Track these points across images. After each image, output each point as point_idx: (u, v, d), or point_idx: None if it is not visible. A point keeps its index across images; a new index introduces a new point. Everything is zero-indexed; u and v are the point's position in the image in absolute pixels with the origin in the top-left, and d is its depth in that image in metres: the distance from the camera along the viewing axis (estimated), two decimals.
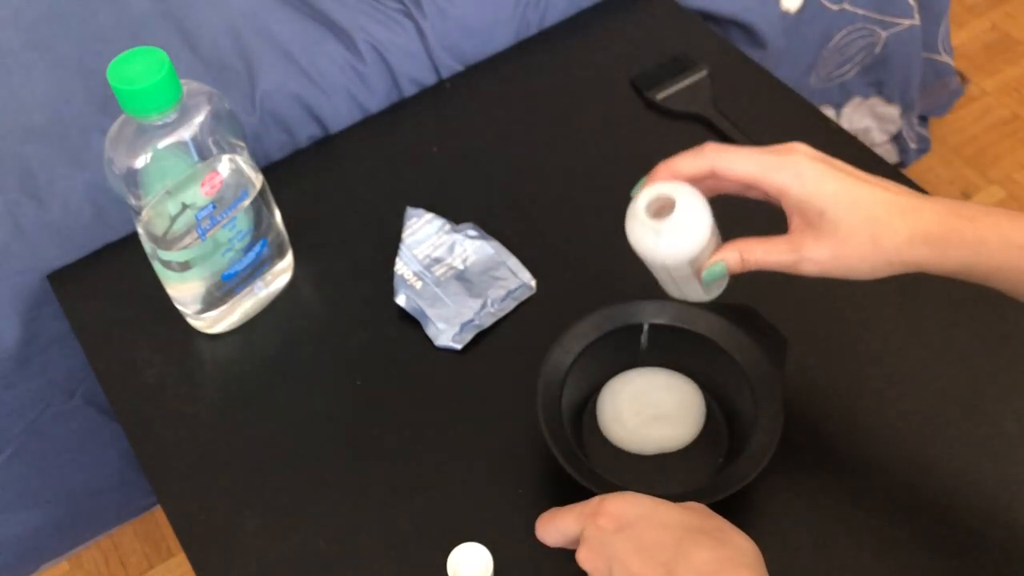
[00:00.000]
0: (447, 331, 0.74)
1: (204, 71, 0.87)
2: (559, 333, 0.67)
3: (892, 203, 0.56)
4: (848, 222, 0.55)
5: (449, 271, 0.77)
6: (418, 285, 0.76)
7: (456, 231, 0.79)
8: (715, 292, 0.61)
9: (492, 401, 0.71)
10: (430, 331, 0.74)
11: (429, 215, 0.80)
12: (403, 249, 0.79)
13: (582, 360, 0.67)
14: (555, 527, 0.55)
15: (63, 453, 0.96)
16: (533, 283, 0.76)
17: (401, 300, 0.76)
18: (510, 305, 0.76)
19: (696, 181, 0.58)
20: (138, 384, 0.75)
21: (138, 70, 0.61)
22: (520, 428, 0.68)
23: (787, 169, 0.56)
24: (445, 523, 0.66)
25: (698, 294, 0.61)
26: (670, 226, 0.56)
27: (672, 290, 0.62)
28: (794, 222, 0.57)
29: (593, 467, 0.62)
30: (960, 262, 0.55)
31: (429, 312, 0.75)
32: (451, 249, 0.79)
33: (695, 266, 0.58)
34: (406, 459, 0.69)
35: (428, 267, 0.78)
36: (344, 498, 0.68)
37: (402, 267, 0.78)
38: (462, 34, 0.92)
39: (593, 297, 0.70)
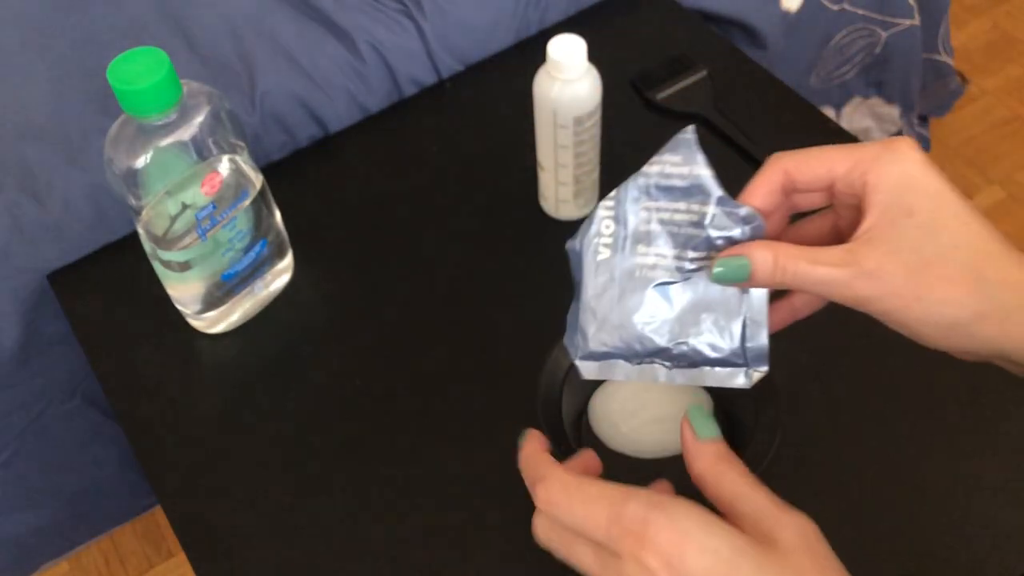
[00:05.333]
0: (585, 348, 0.51)
1: (204, 71, 0.87)
2: (559, 333, 0.67)
3: (1005, 244, 0.40)
4: (947, 238, 0.39)
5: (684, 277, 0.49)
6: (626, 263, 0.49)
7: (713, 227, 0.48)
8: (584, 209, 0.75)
9: (492, 401, 0.71)
10: (573, 338, 0.52)
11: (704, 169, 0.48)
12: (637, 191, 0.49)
13: None
14: (566, 520, 0.39)
15: (63, 453, 0.95)
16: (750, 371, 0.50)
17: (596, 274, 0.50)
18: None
19: (773, 199, 0.46)
20: (138, 384, 0.75)
21: (138, 70, 0.61)
22: (520, 429, 0.68)
23: (887, 152, 0.42)
24: (444, 524, 0.66)
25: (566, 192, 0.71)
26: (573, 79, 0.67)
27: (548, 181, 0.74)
28: (866, 223, 0.42)
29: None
30: None
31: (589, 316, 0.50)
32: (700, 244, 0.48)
33: (578, 128, 0.68)
34: (406, 459, 0.69)
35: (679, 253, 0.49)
36: (344, 498, 0.68)
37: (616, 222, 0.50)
38: (462, 34, 0.92)
39: None
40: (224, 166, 0.69)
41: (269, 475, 0.69)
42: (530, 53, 0.94)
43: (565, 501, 0.40)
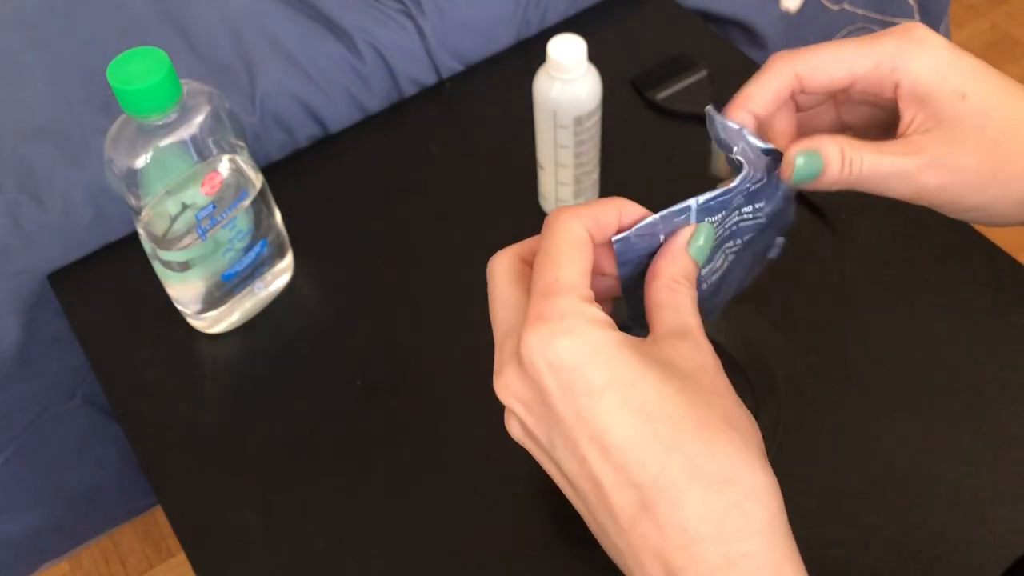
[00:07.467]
0: None
1: (204, 71, 0.87)
2: None
3: None
4: (1007, 112, 0.39)
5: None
6: None
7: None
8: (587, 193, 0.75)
9: (492, 401, 0.71)
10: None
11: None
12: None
13: None
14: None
15: (63, 453, 0.96)
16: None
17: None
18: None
19: (779, 105, 0.46)
20: (138, 384, 0.75)
21: (138, 70, 0.61)
22: None
23: (908, 42, 0.41)
24: (444, 524, 0.66)
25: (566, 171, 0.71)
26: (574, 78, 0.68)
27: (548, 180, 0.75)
28: (915, 116, 0.40)
29: None
30: None
31: None
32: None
33: (578, 128, 0.70)
34: (405, 460, 0.69)
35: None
36: (344, 498, 0.68)
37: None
38: (462, 34, 0.92)
39: None
40: (224, 166, 0.69)
41: (269, 475, 0.69)
42: (530, 53, 0.94)
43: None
